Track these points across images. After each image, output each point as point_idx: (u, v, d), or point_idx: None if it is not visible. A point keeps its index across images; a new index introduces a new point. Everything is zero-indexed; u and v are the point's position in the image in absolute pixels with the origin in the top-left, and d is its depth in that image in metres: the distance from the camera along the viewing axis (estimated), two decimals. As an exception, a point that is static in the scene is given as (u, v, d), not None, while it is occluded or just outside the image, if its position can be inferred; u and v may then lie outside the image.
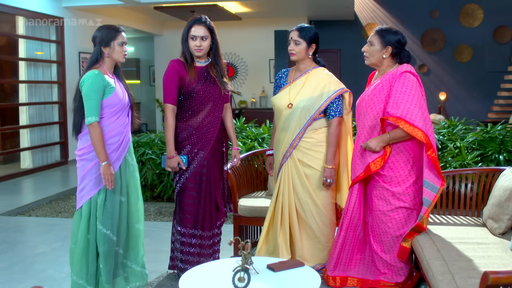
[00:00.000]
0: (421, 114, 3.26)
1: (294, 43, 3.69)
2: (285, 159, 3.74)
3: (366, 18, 13.65)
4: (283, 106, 3.75)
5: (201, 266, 2.88)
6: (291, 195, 3.73)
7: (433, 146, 3.21)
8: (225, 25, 12.89)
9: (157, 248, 4.57)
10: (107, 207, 3.32)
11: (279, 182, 3.77)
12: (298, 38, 3.68)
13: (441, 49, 13.26)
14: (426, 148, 3.23)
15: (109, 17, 10.78)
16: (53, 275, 3.98)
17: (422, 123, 3.23)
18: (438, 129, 6.30)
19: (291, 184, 3.73)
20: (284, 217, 3.75)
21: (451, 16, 13.14)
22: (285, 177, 3.75)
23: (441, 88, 13.34)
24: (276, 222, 3.78)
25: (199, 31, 3.55)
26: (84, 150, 3.30)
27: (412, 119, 3.23)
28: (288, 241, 3.75)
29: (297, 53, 3.70)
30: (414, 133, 3.22)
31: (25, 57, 8.77)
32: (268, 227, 3.81)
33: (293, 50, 3.70)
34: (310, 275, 2.71)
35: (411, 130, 3.22)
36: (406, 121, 3.23)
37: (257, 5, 11.40)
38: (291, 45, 3.71)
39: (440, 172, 3.25)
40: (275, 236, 3.78)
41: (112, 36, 3.30)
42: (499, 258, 2.83)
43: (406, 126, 3.23)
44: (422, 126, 3.22)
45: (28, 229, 5.33)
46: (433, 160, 3.22)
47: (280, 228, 3.76)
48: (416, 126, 3.21)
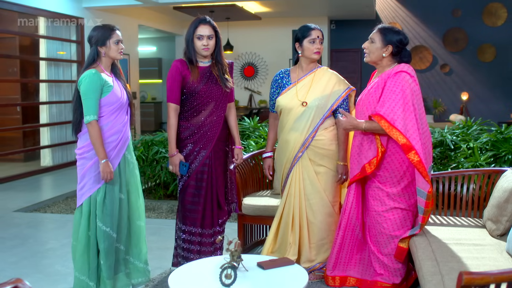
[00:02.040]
0: (403, 115, 3.21)
1: (320, 42, 3.74)
2: (297, 159, 3.73)
3: (388, 18, 13.53)
4: (294, 105, 3.73)
5: (191, 263, 2.92)
6: (302, 196, 3.74)
7: (415, 149, 3.16)
8: (245, 24, 12.96)
9: (163, 245, 4.64)
10: (106, 205, 3.38)
11: (290, 183, 3.76)
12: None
13: (463, 48, 13.08)
14: (404, 150, 3.19)
15: (129, 17, 10.93)
16: (60, 270, 4.07)
17: (403, 124, 3.19)
18: (453, 129, 6.22)
19: (302, 185, 3.73)
20: (295, 219, 3.76)
21: (474, 15, 12.95)
22: (296, 178, 3.74)
23: (464, 88, 13.15)
24: (287, 223, 3.78)
25: (205, 30, 3.61)
26: (83, 149, 3.37)
27: (393, 119, 3.20)
28: (298, 243, 3.77)
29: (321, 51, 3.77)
30: (392, 133, 3.19)
31: (45, 56, 8.95)
32: (277, 227, 3.82)
33: (319, 49, 3.73)
34: (298, 273, 2.72)
35: (389, 130, 3.20)
36: (386, 120, 3.21)
37: (277, 4, 11.41)
38: (317, 44, 3.72)
39: (426, 176, 3.19)
40: (284, 237, 3.80)
41: (107, 35, 3.37)
42: (493, 259, 2.81)
43: (385, 125, 3.21)
44: (402, 127, 3.18)
45: (41, 225, 5.45)
46: (416, 164, 3.18)
47: (292, 230, 3.77)
48: (395, 126, 3.19)
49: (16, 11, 8.14)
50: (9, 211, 6.01)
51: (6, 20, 8.91)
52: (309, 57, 3.75)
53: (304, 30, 3.74)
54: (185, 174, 3.66)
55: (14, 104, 9.67)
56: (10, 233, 5.10)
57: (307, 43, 3.72)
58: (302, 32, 3.74)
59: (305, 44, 3.72)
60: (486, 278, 1.83)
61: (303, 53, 3.76)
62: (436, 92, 13.40)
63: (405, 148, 3.18)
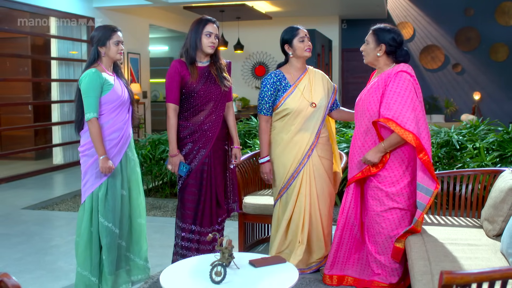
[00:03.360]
0: (414, 116, 3.21)
1: (308, 39, 3.82)
2: (308, 157, 3.76)
3: (399, 17, 13.48)
4: (304, 106, 3.75)
5: (182, 261, 2.95)
6: (314, 194, 3.78)
7: (425, 149, 3.18)
8: (256, 24, 12.98)
9: (166, 243, 4.68)
10: (108, 201, 3.44)
11: (300, 182, 3.77)
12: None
13: (476, 48, 12.98)
14: (417, 151, 3.20)
15: (140, 17, 11.00)
16: (62, 266, 4.14)
17: (414, 125, 3.19)
18: (460, 129, 6.18)
19: (314, 182, 3.78)
20: (305, 218, 3.78)
21: (486, 14, 12.84)
22: (307, 177, 3.77)
23: (476, 88, 13.05)
24: (297, 224, 3.79)
25: (213, 29, 3.69)
26: (85, 146, 3.44)
27: (403, 121, 3.19)
28: (306, 242, 3.79)
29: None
30: (405, 136, 3.18)
31: (57, 56, 9.05)
32: (286, 228, 3.81)
33: (310, 47, 3.81)
34: (289, 271, 2.74)
35: (402, 133, 3.19)
36: (397, 123, 3.20)
37: (288, 4, 11.42)
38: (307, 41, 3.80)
39: (434, 175, 3.21)
40: (294, 237, 3.80)
41: (108, 36, 3.43)
42: (486, 260, 2.80)
43: (397, 128, 3.20)
44: (414, 128, 3.18)
45: (47, 223, 5.52)
46: (425, 163, 3.19)
47: (302, 230, 3.78)
48: (407, 129, 3.18)
49: (27, 11, 8.25)
50: (17, 208, 6.10)
51: (18, 20, 9.02)
52: (302, 55, 3.78)
53: (291, 31, 3.80)
54: (184, 175, 3.69)
55: (25, 103, 9.80)
56: (16, 230, 5.18)
57: (297, 42, 3.75)
58: (289, 34, 3.79)
59: (295, 44, 3.76)
60: (466, 277, 1.84)
61: (294, 53, 3.79)
62: (448, 92, 13.32)
63: (418, 149, 3.20)
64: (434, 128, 6.19)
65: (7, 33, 9.60)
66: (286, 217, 3.80)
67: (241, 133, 6.72)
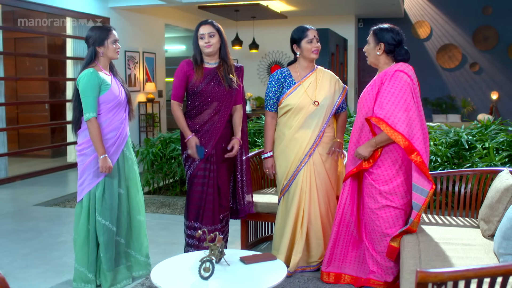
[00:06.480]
0: (406, 117, 3.21)
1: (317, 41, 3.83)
2: (309, 156, 3.79)
3: (416, 16, 13.38)
4: (305, 104, 3.79)
5: (175, 257, 3.00)
6: (313, 193, 3.79)
7: (417, 150, 3.17)
8: (271, 24, 12.98)
9: (170, 240, 4.74)
10: (105, 199, 3.50)
11: (301, 180, 3.79)
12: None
13: (493, 47, 12.82)
14: (407, 152, 3.19)
15: (155, 17, 11.10)
16: (67, 262, 4.22)
17: (405, 126, 3.19)
18: (470, 129, 6.13)
19: (314, 181, 3.79)
20: (304, 215, 3.80)
21: (504, 12, 12.67)
22: (307, 175, 3.79)
23: (494, 87, 12.90)
24: (300, 221, 3.82)
25: (205, 29, 3.76)
26: (83, 145, 3.50)
27: (394, 122, 3.20)
28: (305, 239, 3.81)
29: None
30: (394, 136, 3.19)
31: (72, 55, 9.19)
32: (294, 227, 3.82)
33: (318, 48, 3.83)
34: (278, 268, 2.77)
35: (391, 133, 3.20)
36: (388, 123, 3.21)
37: (303, 3, 11.41)
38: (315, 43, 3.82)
39: (429, 175, 3.21)
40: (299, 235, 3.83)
41: (105, 36, 3.49)
42: (478, 259, 2.79)
43: (387, 129, 3.21)
44: (404, 130, 3.18)
45: (57, 219, 5.63)
46: (418, 164, 3.18)
47: (301, 226, 3.80)
48: (397, 130, 3.18)
49: (44, 11, 8.39)
50: (29, 205, 6.23)
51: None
52: (308, 57, 3.82)
53: (300, 32, 3.82)
54: (203, 157, 3.74)
55: (42, 101, 9.96)
56: (26, 226, 5.30)
57: (305, 44, 3.79)
58: (299, 34, 3.82)
59: (303, 45, 3.80)
60: (440, 276, 1.85)
61: (302, 54, 3.83)
62: (465, 91, 13.18)
63: (407, 150, 3.19)
64: (444, 127, 6.15)
65: (24, 33, 9.77)
66: (293, 212, 3.80)
67: (251, 132, 6.75)
